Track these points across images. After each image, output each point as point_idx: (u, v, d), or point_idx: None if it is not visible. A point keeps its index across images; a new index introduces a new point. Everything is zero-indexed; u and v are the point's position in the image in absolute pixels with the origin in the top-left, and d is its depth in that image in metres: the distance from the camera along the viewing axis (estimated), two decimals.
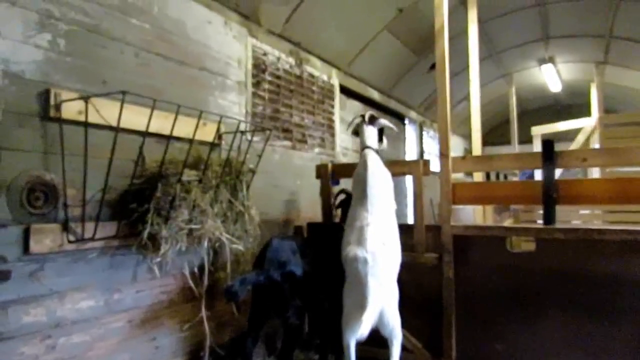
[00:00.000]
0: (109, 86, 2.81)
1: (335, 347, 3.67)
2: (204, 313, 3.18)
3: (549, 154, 3.45)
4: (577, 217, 6.35)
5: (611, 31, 7.27)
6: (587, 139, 7.59)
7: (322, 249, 3.51)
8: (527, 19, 7.24)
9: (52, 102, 2.50)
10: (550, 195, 3.42)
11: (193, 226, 2.90)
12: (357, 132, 3.61)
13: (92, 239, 2.60)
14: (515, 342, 3.50)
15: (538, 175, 4.70)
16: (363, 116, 3.57)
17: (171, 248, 2.83)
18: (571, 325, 3.32)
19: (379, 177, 3.22)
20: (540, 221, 4.58)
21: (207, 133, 3.36)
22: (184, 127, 3.09)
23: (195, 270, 3.26)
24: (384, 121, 3.65)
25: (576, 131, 7.96)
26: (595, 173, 6.62)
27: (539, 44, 8.27)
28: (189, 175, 2.88)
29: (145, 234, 2.74)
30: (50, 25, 2.55)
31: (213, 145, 3.28)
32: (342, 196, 4.11)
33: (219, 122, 3.21)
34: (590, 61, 8.63)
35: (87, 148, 2.50)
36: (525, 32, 7.80)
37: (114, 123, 2.54)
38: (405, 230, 3.97)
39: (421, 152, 9.05)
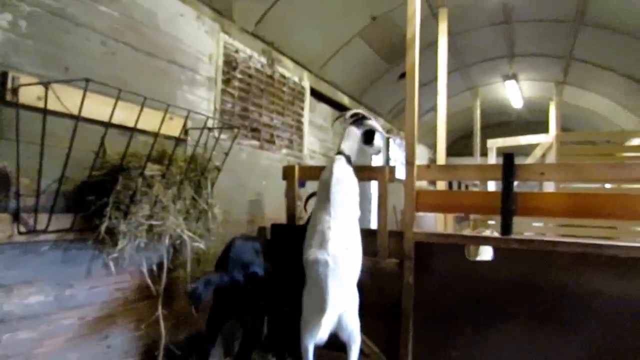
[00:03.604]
0: (71, 73, 2.70)
1: (294, 350, 3.65)
2: (160, 312, 3.09)
3: (509, 167, 3.57)
4: (530, 229, 6.59)
5: (571, 53, 7.63)
6: (544, 155, 7.91)
7: (284, 250, 3.49)
8: (494, 36, 7.49)
9: (9, 85, 2.37)
10: (509, 207, 3.54)
11: (154, 222, 2.82)
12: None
13: (45, 231, 2.48)
14: (470, 349, 3.59)
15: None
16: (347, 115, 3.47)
17: (129, 244, 2.74)
18: (525, 334, 3.43)
19: (344, 184, 3.18)
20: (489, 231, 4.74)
21: (173, 128, 3.28)
22: (150, 120, 3.00)
23: (154, 267, 3.16)
24: (372, 122, 3.49)
25: (531, 146, 8.30)
26: (548, 188, 6.91)
27: (504, 60, 8.56)
28: (152, 169, 2.80)
29: (103, 228, 2.64)
30: (11, 5, 2.42)
31: (179, 141, 3.20)
32: (313, 200, 4.09)
33: (186, 117, 3.14)
34: (551, 80, 9.02)
35: (45, 136, 2.38)
36: (492, 48, 8.06)
37: (75, 111, 2.44)
38: (368, 236, 4.00)
39: (387, 159, 9.18)
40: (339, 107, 6.94)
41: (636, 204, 3.30)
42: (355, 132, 3.42)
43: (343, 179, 3.20)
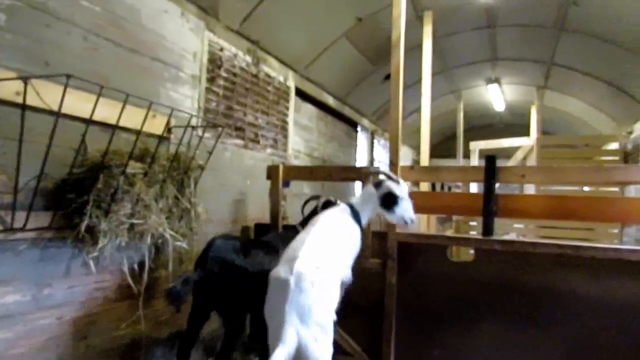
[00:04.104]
0: (52, 68, 2.64)
1: None
2: (141, 312, 3.05)
3: (491, 169, 3.62)
4: (512, 230, 6.70)
5: (552, 58, 7.77)
6: (525, 157, 8.05)
7: (267, 250, 3.47)
8: (478, 40, 7.58)
9: None
10: (490, 208, 3.59)
11: (135, 221, 2.79)
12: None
13: (23, 229, 2.43)
14: (452, 348, 3.63)
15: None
16: (377, 178, 3.20)
17: (110, 242, 2.70)
18: (505, 332, 3.48)
19: (335, 225, 2.86)
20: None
21: (156, 125, 3.25)
22: (132, 118, 2.96)
23: (135, 267, 3.12)
24: (390, 185, 3.07)
25: (512, 149, 8.44)
26: (529, 190, 7.03)
27: (487, 64, 8.68)
28: (134, 167, 2.77)
29: (83, 227, 2.59)
30: None
31: (162, 139, 3.17)
32: (313, 202, 4.05)
33: (170, 115, 3.11)
34: (532, 85, 9.18)
35: (24, 132, 2.33)
36: (475, 51, 8.16)
37: (55, 107, 2.39)
38: None
39: (371, 160, 9.23)
40: (324, 108, 6.96)
41: (611, 206, 3.38)
42: (371, 193, 3.09)
43: (335, 222, 2.90)
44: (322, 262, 2.41)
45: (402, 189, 3.11)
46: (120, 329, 3.08)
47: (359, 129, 8.66)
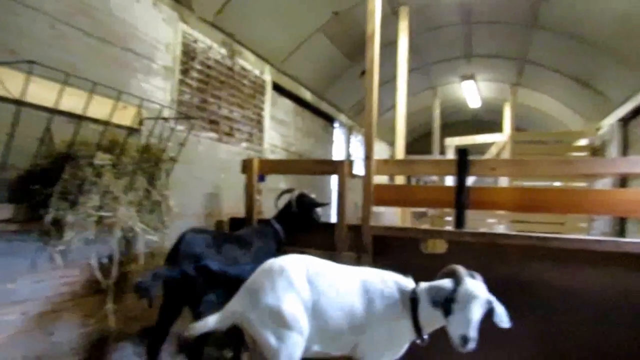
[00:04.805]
0: (18, 57, 2.55)
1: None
2: (110, 307, 2.99)
3: (463, 162, 3.68)
4: (486, 225, 6.84)
5: (525, 55, 7.91)
6: (499, 153, 8.21)
7: (241, 244, 3.45)
8: (453, 36, 7.67)
9: None
10: (463, 201, 3.65)
11: (103, 213, 2.73)
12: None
13: None
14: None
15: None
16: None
17: (77, 235, 2.64)
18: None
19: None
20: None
21: (126, 117, 3.19)
22: (101, 108, 2.91)
23: (104, 261, 3.06)
24: (467, 288, 2.52)
25: (486, 145, 8.60)
26: (502, 185, 7.18)
27: (463, 60, 8.79)
28: (102, 158, 2.71)
29: (48, 219, 2.53)
30: None
31: (133, 131, 3.12)
32: (288, 195, 4.03)
33: (139, 106, 3.05)
34: (506, 82, 9.35)
35: None
36: (451, 48, 8.25)
37: (18, 95, 2.32)
38: (326, 229, 4.04)
39: (348, 156, 9.26)
40: (301, 102, 6.94)
41: (577, 198, 3.48)
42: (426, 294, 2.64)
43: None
44: (320, 269, 2.67)
45: (473, 289, 2.44)
46: (88, 324, 3.01)
47: (336, 124, 8.67)
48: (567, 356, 3.30)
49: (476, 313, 2.39)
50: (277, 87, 5.96)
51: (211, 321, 2.53)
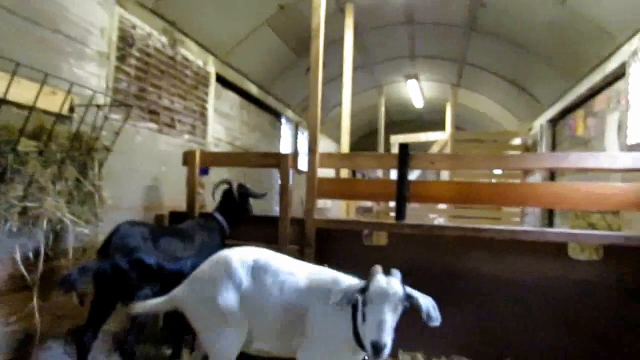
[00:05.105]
0: None
1: (194, 343, 3.53)
2: (35, 304, 2.80)
3: (404, 156, 3.78)
4: (426, 220, 7.08)
5: (464, 57, 8.26)
6: (440, 151, 8.52)
7: (182, 238, 3.35)
8: (398, 35, 7.85)
9: None
10: (403, 194, 3.75)
11: (28, 204, 2.56)
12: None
13: None
14: None
15: None
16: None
17: None
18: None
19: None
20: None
21: (55, 102, 2.99)
22: (26, 92, 2.72)
23: (30, 255, 2.86)
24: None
25: (430, 143, 8.92)
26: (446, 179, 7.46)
27: (407, 60, 9.03)
28: (27, 145, 2.54)
29: None
30: None
31: (61, 117, 2.94)
32: (223, 186, 3.96)
33: (69, 90, 2.87)
34: (447, 82, 9.72)
35: None
36: (396, 47, 8.45)
37: None
38: (269, 223, 4.02)
39: (295, 152, 9.25)
40: (247, 96, 6.85)
41: (509, 191, 3.68)
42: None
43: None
44: (269, 264, 2.56)
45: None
46: (12, 323, 2.81)
47: (283, 120, 8.64)
48: (500, 340, 3.48)
49: (387, 314, 2.06)
50: (221, 80, 5.85)
51: (153, 303, 2.54)
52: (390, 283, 2.18)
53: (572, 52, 5.80)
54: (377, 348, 1.94)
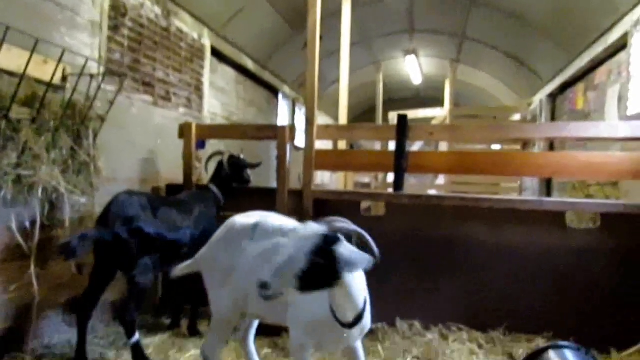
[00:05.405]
0: None
1: (193, 312, 3.56)
2: (33, 272, 2.80)
3: (403, 127, 3.75)
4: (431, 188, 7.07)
5: (464, 31, 8.14)
6: None
7: (180, 209, 3.34)
8: (396, 9, 7.72)
9: None
10: (401, 164, 3.73)
11: (22, 172, 2.53)
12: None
13: None
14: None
15: None
16: None
17: None
18: (415, 281, 3.67)
19: None
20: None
21: (47, 72, 2.93)
22: (17, 60, 2.67)
23: (26, 224, 2.84)
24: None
25: (428, 120, 8.85)
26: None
27: (405, 35, 8.91)
28: (19, 112, 2.49)
29: None
30: None
31: (54, 87, 2.88)
32: (217, 158, 3.93)
33: (60, 57, 2.80)
34: (446, 58, 9.60)
35: None
36: (394, 22, 8.32)
37: None
38: (267, 194, 4.01)
39: (293, 125, 9.18)
40: (243, 71, 6.76)
41: (508, 160, 3.66)
42: None
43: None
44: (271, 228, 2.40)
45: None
46: (9, 291, 2.81)
47: (280, 96, 8.55)
48: (497, 308, 3.51)
49: (273, 251, 1.92)
50: (216, 54, 5.75)
51: (185, 265, 2.65)
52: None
53: (573, 24, 5.71)
54: (263, 286, 1.77)
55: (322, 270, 1.77)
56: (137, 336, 2.85)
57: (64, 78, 3.18)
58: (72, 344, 2.94)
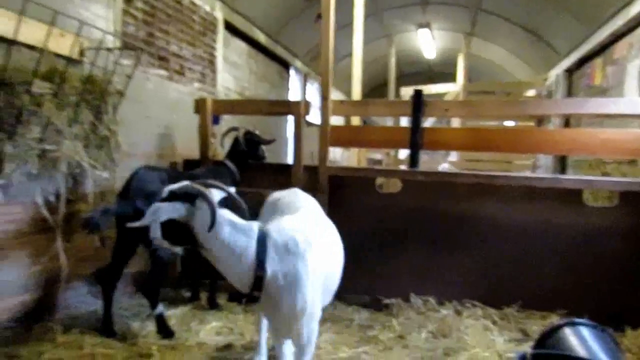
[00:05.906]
0: None
1: (211, 286, 3.64)
2: (59, 244, 2.88)
3: (418, 103, 3.72)
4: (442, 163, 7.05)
5: (479, 3, 7.95)
6: None
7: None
8: None
9: None
10: (417, 141, 3.72)
11: (46, 146, 2.57)
12: None
13: None
14: (380, 275, 3.79)
15: None
16: None
17: (18, 169, 2.47)
18: (428, 257, 3.70)
19: None
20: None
21: (64, 45, 2.94)
22: (35, 33, 2.66)
23: (51, 198, 2.89)
24: None
25: (441, 95, 8.74)
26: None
27: (418, 7, 8.72)
28: (41, 87, 2.51)
29: None
30: None
31: (72, 60, 2.89)
32: (233, 134, 3.94)
33: (78, 32, 2.79)
34: (460, 31, 9.40)
35: None
36: None
37: None
38: (282, 170, 4.04)
39: (306, 100, 9.13)
40: (255, 45, 6.69)
41: (523, 136, 3.63)
42: None
43: None
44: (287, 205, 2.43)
45: None
46: (37, 263, 2.89)
47: (291, 70, 8.48)
48: (511, 285, 3.54)
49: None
50: (229, 27, 5.70)
51: None
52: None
53: None
54: None
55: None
56: (160, 308, 2.94)
57: (81, 52, 3.18)
58: (98, 314, 3.04)
